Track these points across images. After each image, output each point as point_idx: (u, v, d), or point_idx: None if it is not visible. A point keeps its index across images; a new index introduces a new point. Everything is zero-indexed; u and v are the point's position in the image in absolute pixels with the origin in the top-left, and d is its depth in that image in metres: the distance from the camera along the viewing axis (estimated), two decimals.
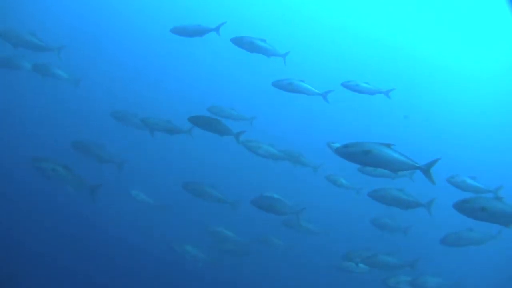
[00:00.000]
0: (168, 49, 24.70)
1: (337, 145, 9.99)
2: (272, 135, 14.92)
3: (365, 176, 10.61)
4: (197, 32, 11.78)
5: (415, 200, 8.81)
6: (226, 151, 16.45)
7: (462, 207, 6.69)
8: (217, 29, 11.69)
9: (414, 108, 26.32)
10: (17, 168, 14.25)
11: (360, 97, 12.63)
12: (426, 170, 6.66)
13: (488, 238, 9.89)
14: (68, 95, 18.88)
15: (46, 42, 10.83)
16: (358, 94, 12.24)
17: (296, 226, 12.25)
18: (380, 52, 28.82)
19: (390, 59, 28.39)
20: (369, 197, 8.99)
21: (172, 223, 15.17)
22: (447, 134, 26.84)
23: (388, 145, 6.43)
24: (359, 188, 12.70)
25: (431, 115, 27.42)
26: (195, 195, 10.32)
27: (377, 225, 12.13)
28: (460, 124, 27.52)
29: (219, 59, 25.61)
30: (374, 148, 6.37)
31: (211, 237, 12.77)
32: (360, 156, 6.40)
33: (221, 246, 12.84)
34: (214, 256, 12.77)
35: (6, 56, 12.40)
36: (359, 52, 28.70)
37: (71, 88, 13.92)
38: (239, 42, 10.96)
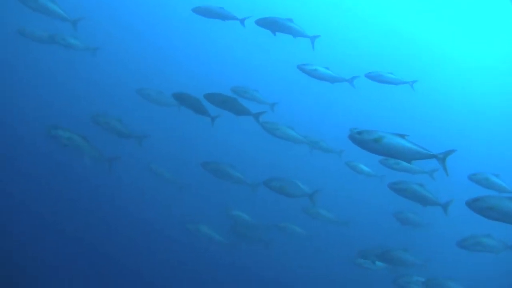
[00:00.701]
0: (192, 29, 24.53)
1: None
2: (294, 121, 14.71)
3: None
4: (220, 15, 11.64)
5: (434, 199, 8.76)
6: (248, 135, 16.31)
7: (472, 206, 6.65)
8: (242, 21, 11.64)
9: (433, 101, 26.08)
10: (36, 139, 14.28)
11: (380, 89, 12.46)
12: (442, 159, 6.53)
13: (504, 247, 9.50)
14: (88, 68, 18.88)
15: (65, 10, 10.71)
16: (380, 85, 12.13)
17: (315, 213, 12.11)
18: (400, 45, 28.60)
19: (407, 51, 28.17)
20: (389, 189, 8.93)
21: (189, 202, 15.12)
22: (465, 128, 26.52)
23: (402, 136, 6.30)
24: (382, 175, 12.35)
25: (450, 109, 27.20)
26: (214, 175, 10.02)
27: (400, 219, 11.93)
28: (477, 118, 27.15)
29: (244, 41, 25.36)
30: (385, 136, 6.25)
31: (229, 220, 12.58)
32: (371, 143, 6.29)
33: (238, 230, 12.69)
34: (230, 239, 12.51)
35: (23, 27, 12.43)
36: (377, 42, 28.46)
37: (91, 61, 13.80)
38: (263, 23, 10.76)
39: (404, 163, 10.03)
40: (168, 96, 11.62)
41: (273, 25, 10.75)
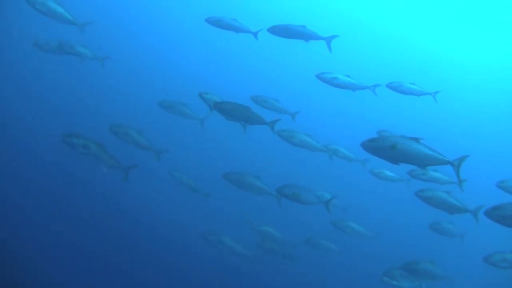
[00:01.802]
0: (208, 39, 24.44)
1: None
2: (314, 130, 14.48)
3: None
4: (232, 27, 11.64)
5: (463, 206, 8.47)
6: (270, 145, 16.05)
7: (491, 215, 6.46)
8: (255, 34, 11.68)
9: (451, 107, 25.66)
10: (54, 151, 14.18)
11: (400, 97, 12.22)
12: (457, 165, 6.31)
13: None
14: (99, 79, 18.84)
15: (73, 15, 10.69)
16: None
17: (344, 227, 11.71)
18: (409, 54, 28.41)
19: (417, 60, 28.00)
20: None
21: (211, 212, 14.83)
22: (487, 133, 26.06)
23: (417, 140, 6.05)
24: (408, 179, 11.64)
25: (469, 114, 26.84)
26: (237, 186, 9.55)
27: (435, 230, 11.46)
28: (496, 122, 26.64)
29: (260, 50, 25.23)
30: (400, 142, 6.02)
31: (253, 232, 12.14)
32: (387, 150, 6.04)
33: (265, 245, 12.20)
34: (254, 251, 11.92)
35: (36, 39, 12.46)
36: (385, 50, 28.35)
37: (105, 72, 13.76)
38: (275, 30, 10.72)
39: (432, 173, 9.97)
40: (192, 108, 11.46)
41: (285, 31, 10.71)
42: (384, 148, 6.04)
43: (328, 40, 10.97)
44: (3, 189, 13.47)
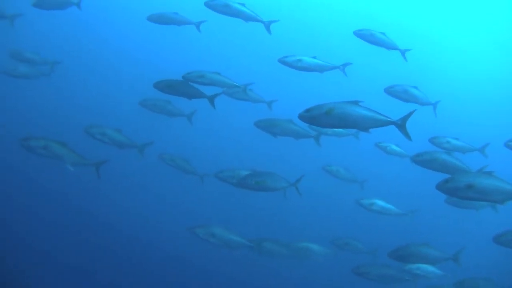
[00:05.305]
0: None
1: None
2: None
3: None
4: (174, 21, 11.68)
5: (467, 167, 7.87)
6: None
7: (444, 188, 6.25)
8: (197, 25, 11.72)
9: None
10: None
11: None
12: (401, 125, 5.98)
13: None
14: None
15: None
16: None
17: (369, 204, 11.08)
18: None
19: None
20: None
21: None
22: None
23: (355, 102, 5.82)
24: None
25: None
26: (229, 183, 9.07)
27: (451, 203, 10.26)
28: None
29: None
30: (336, 107, 5.76)
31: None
32: (323, 117, 5.80)
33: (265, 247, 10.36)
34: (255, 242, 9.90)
35: None
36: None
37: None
38: (212, 6, 10.55)
39: (454, 142, 9.81)
40: (177, 106, 10.93)
41: (224, 8, 10.54)
42: (320, 115, 5.81)
43: (267, 24, 10.84)
44: None
